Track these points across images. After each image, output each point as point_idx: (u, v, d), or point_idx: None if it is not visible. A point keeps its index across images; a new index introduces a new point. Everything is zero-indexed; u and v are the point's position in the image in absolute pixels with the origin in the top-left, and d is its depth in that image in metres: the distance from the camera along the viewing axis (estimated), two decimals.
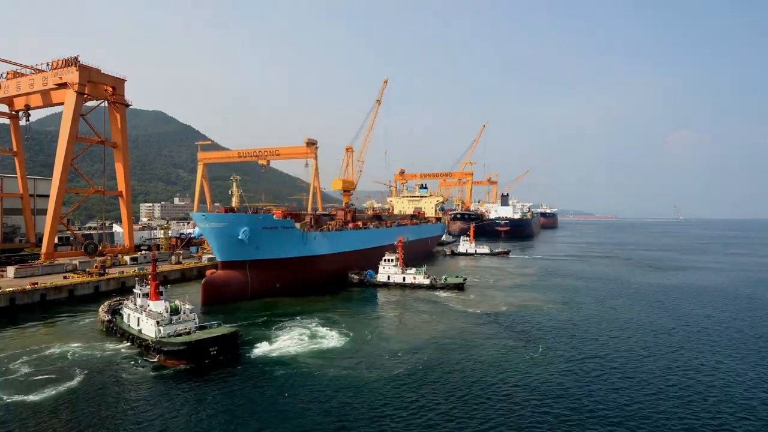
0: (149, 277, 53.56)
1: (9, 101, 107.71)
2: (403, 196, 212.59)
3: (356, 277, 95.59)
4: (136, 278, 63.57)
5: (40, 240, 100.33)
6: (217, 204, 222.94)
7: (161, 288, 52.79)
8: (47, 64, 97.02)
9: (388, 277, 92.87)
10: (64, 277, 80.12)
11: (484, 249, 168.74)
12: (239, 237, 74.81)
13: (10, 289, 68.70)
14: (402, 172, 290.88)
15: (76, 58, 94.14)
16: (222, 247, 77.09)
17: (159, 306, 50.15)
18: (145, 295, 52.71)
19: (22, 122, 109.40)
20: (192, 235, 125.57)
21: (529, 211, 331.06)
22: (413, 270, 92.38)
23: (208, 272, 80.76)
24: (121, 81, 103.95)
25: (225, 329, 48.10)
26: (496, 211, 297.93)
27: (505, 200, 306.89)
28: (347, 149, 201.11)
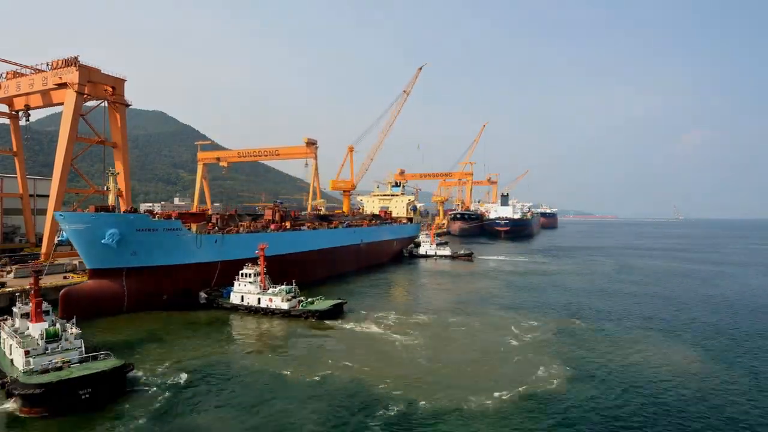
0: (32, 292, 42.89)
1: (9, 101, 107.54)
2: (374, 195, 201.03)
3: (205, 296, 75.86)
4: (17, 294, 54.77)
5: (40, 240, 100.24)
6: (216, 204, 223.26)
7: (48, 306, 43.42)
8: (47, 64, 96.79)
9: (242, 298, 72.34)
10: (64, 277, 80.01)
11: (446, 251, 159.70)
12: (104, 241, 65.27)
13: (10, 289, 68.55)
14: (402, 172, 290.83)
15: (76, 58, 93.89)
16: (88, 252, 68.02)
17: (36, 330, 40.29)
18: (25, 316, 42.48)
19: (22, 122, 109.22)
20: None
21: (529, 211, 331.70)
22: (274, 289, 71.92)
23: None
24: (121, 81, 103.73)
25: (107, 363, 39.11)
26: (496, 211, 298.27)
27: (505, 200, 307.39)
28: (349, 149, 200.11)
